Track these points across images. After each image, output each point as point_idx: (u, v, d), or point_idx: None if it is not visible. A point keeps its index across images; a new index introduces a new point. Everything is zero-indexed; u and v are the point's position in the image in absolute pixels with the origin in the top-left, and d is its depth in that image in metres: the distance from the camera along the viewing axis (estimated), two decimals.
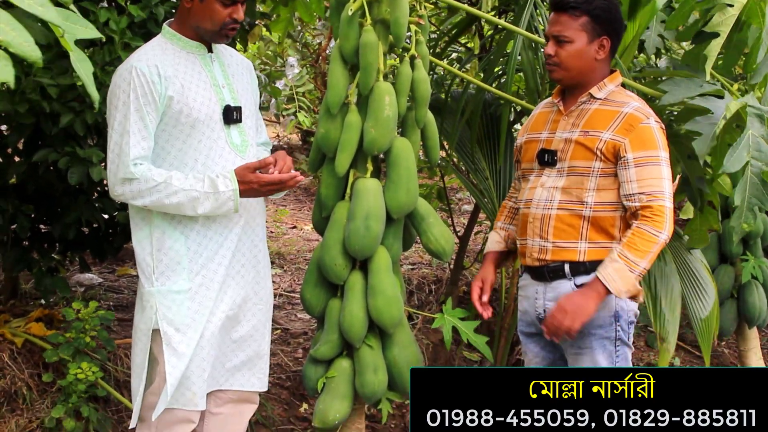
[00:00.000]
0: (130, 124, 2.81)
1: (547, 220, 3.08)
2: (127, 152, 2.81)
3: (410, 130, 3.14)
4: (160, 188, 2.83)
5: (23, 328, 4.17)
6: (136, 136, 2.82)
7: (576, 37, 3.01)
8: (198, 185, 2.86)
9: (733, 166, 2.94)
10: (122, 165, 2.82)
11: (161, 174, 2.84)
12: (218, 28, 2.93)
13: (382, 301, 3.04)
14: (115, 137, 2.85)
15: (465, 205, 9.18)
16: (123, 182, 2.84)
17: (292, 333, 5.36)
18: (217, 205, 2.89)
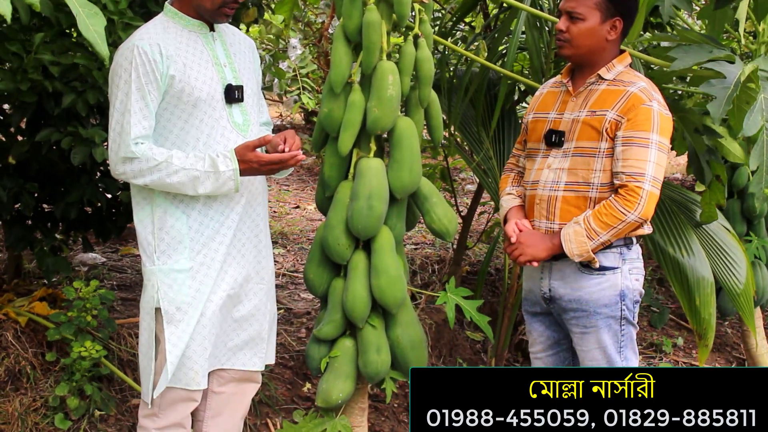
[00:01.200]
0: (131, 103, 2.81)
1: (554, 202, 3.08)
2: (128, 131, 2.80)
3: (414, 110, 3.13)
4: (161, 167, 2.82)
5: (27, 308, 4.17)
6: (137, 115, 2.81)
7: (589, 15, 3.00)
8: (199, 164, 2.85)
9: (750, 129, 2.96)
10: (123, 144, 2.82)
11: (162, 153, 2.83)
12: (217, 7, 2.91)
13: (385, 281, 3.03)
14: (116, 116, 2.85)
15: (468, 185, 9.18)
16: (124, 161, 2.83)
17: (295, 313, 5.37)
18: (218, 184, 2.88)
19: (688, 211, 4.39)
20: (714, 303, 4.08)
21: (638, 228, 2.99)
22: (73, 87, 3.52)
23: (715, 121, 2.97)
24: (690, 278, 4.06)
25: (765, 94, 3.03)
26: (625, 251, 3.07)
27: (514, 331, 5.02)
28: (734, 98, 3.03)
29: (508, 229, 3.18)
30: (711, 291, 4.08)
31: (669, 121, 3.01)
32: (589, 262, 3.01)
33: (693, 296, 4.04)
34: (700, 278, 4.07)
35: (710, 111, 2.97)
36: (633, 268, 3.09)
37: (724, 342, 6.39)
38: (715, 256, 4.28)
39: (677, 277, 4.07)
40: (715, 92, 2.99)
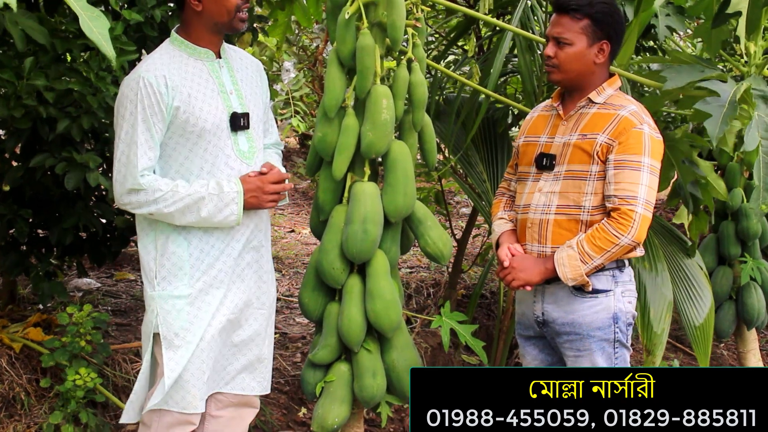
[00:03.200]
0: (137, 135, 2.82)
1: (546, 225, 3.08)
2: (135, 163, 2.82)
3: (407, 134, 3.14)
4: (166, 197, 2.84)
5: (21, 333, 4.16)
6: (143, 147, 2.83)
7: (576, 39, 3.01)
8: (203, 189, 2.87)
9: (750, 145, 2.98)
10: (129, 175, 2.84)
11: (167, 183, 2.86)
12: (233, 15, 2.93)
13: (381, 305, 3.03)
14: (121, 147, 2.86)
15: (463, 208, 9.19)
16: (129, 192, 2.86)
17: (291, 337, 5.36)
18: (221, 205, 2.89)
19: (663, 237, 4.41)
20: (668, 321, 4.08)
21: (631, 251, 2.99)
22: (67, 112, 3.52)
23: (713, 138, 2.98)
24: (648, 291, 4.07)
25: (759, 111, 3.05)
26: (617, 274, 3.07)
27: (510, 355, 5.01)
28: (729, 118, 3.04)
29: (500, 253, 3.18)
30: (667, 310, 4.08)
31: (660, 144, 3.02)
32: (582, 285, 3.01)
33: (647, 309, 4.05)
34: (659, 294, 4.09)
35: (707, 129, 2.98)
36: (626, 291, 3.09)
37: (720, 364, 6.38)
38: (681, 287, 4.30)
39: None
40: (710, 110, 3.00)
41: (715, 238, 5.52)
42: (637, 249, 3.03)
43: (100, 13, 1.80)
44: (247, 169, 3.01)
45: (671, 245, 4.40)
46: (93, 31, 1.77)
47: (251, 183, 2.96)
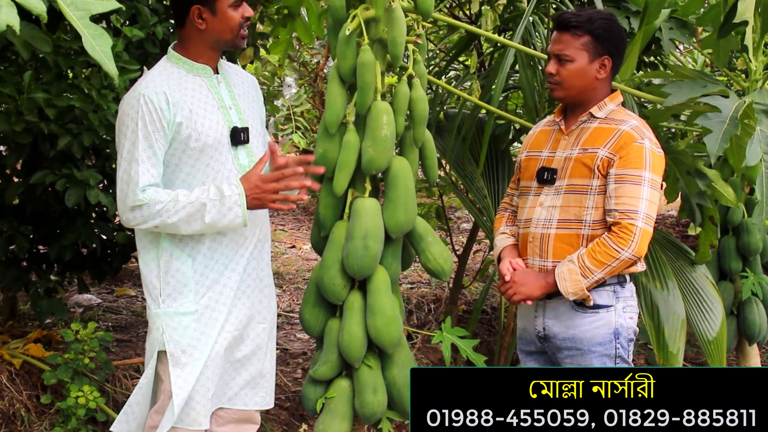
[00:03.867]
0: (138, 152, 2.82)
1: (547, 240, 3.08)
2: (137, 180, 2.82)
3: (408, 150, 3.14)
4: (168, 207, 2.83)
5: (21, 349, 4.16)
6: (145, 164, 2.82)
7: (577, 56, 3.02)
8: (204, 195, 2.86)
9: (752, 160, 2.98)
10: (131, 192, 2.83)
11: (167, 194, 2.84)
12: (236, 33, 2.94)
13: (381, 321, 3.03)
14: (123, 165, 2.86)
15: (464, 224, 9.19)
16: (133, 209, 2.84)
17: (291, 353, 5.35)
18: (224, 210, 2.87)
19: (670, 251, 4.40)
20: (683, 340, 4.08)
21: (632, 265, 2.99)
22: (68, 129, 3.53)
23: (712, 156, 2.98)
24: (661, 311, 4.07)
25: (762, 126, 3.05)
26: (618, 289, 3.07)
27: None
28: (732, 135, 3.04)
29: (502, 268, 3.18)
30: (681, 327, 4.07)
31: (661, 159, 3.02)
32: (583, 300, 3.01)
33: (662, 328, 4.04)
34: (672, 313, 4.08)
35: (707, 145, 2.98)
36: (627, 306, 3.09)
37: None
38: (692, 301, 4.29)
39: (648, 307, 4.08)
40: (711, 126, 3.00)
41: (716, 253, 5.51)
42: (638, 263, 3.02)
43: (102, 31, 1.80)
44: None
45: (679, 260, 4.39)
46: (96, 50, 1.77)
47: (252, 185, 2.92)
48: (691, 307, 4.28)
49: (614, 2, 4.14)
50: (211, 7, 2.88)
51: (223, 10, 2.89)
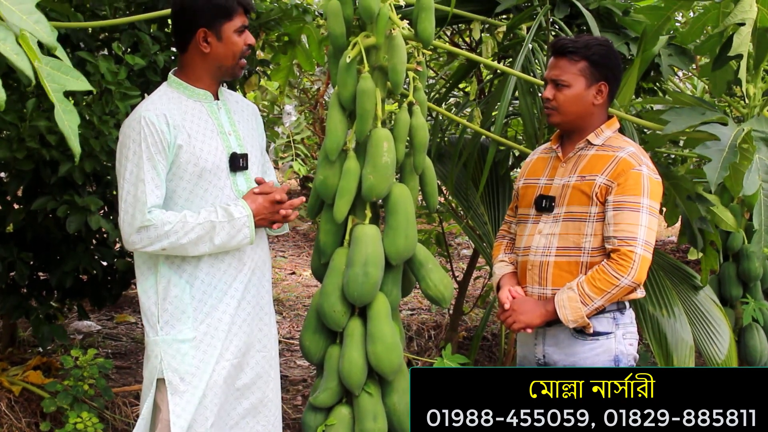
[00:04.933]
0: (143, 173, 2.81)
1: (546, 267, 3.07)
2: (144, 201, 2.81)
3: (408, 176, 3.15)
4: (176, 228, 2.82)
5: (21, 377, 4.15)
6: (150, 185, 2.82)
7: (574, 81, 3.03)
8: (212, 216, 2.87)
9: (750, 189, 2.98)
10: (138, 213, 2.82)
11: (175, 215, 2.84)
12: (237, 60, 2.96)
13: (382, 348, 3.02)
14: (126, 187, 2.85)
15: (464, 250, 9.19)
16: (139, 230, 2.83)
17: (291, 380, 5.34)
18: (233, 232, 2.89)
19: (674, 276, 4.40)
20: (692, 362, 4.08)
21: (631, 292, 2.98)
22: (69, 155, 3.54)
23: (713, 185, 2.99)
24: (669, 338, 4.06)
25: (761, 154, 3.05)
26: (618, 316, 3.06)
27: None
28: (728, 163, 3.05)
29: (501, 296, 3.18)
30: (690, 353, 4.07)
31: (659, 185, 3.02)
32: (583, 327, 3.00)
33: (671, 356, 4.04)
34: (680, 339, 4.08)
35: (707, 174, 2.98)
36: (627, 333, 3.08)
37: None
38: (699, 325, 4.29)
39: (656, 335, 4.07)
40: (710, 154, 3.01)
41: (717, 280, 5.51)
42: (638, 290, 3.02)
43: (73, 108, 1.86)
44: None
45: (682, 284, 4.39)
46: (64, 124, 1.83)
47: (259, 207, 2.95)
48: (698, 332, 4.28)
49: (614, 29, 4.16)
50: (217, 31, 2.90)
51: (228, 36, 2.91)
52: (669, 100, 3.72)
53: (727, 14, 3.29)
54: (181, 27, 2.94)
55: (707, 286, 4.49)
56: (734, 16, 3.18)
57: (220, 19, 2.89)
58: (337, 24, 3.05)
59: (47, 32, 1.75)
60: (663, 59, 4.04)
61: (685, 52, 4.14)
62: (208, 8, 2.88)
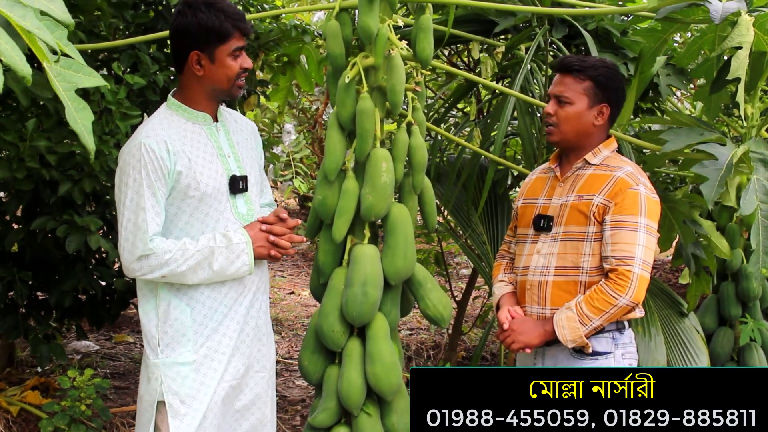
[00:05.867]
0: (144, 201, 2.81)
1: (544, 287, 3.08)
2: (145, 229, 2.80)
3: (407, 196, 3.15)
4: (176, 256, 2.82)
5: (19, 397, 4.14)
6: (150, 212, 2.81)
7: (577, 99, 3.04)
8: (211, 242, 2.87)
9: (747, 209, 2.98)
10: (140, 242, 2.81)
11: (174, 243, 2.84)
12: (232, 83, 2.94)
13: (381, 368, 3.02)
14: (127, 214, 2.83)
15: (463, 270, 9.18)
16: (140, 259, 2.82)
17: (290, 400, 5.32)
18: (232, 257, 2.89)
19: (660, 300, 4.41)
20: None
21: (630, 312, 2.98)
22: (69, 175, 3.54)
23: (710, 202, 2.99)
24: (641, 356, 4.06)
25: (758, 175, 3.06)
26: (617, 336, 3.06)
27: None
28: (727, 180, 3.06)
29: (500, 316, 3.18)
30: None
31: (657, 205, 3.03)
32: (582, 347, 3.00)
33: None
34: (652, 359, 4.08)
35: (704, 193, 2.99)
36: (626, 353, 3.08)
37: None
38: (676, 350, 4.29)
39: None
40: (707, 173, 3.02)
41: (716, 299, 5.51)
42: (637, 310, 3.02)
43: (86, 105, 1.82)
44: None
45: (667, 308, 4.40)
46: (77, 122, 1.80)
47: (258, 234, 2.96)
48: (674, 356, 4.28)
49: (612, 49, 4.18)
50: (210, 54, 2.89)
51: (222, 59, 2.90)
52: (667, 120, 3.73)
53: (723, 38, 3.30)
54: (176, 49, 2.94)
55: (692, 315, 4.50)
56: (731, 40, 3.19)
57: (213, 42, 2.87)
58: (336, 44, 3.06)
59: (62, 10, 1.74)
60: (661, 79, 4.06)
61: (683, 71, 4.16)
62: (200, 31, 2.86)
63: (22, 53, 1.64)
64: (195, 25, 2.86)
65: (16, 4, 1.63)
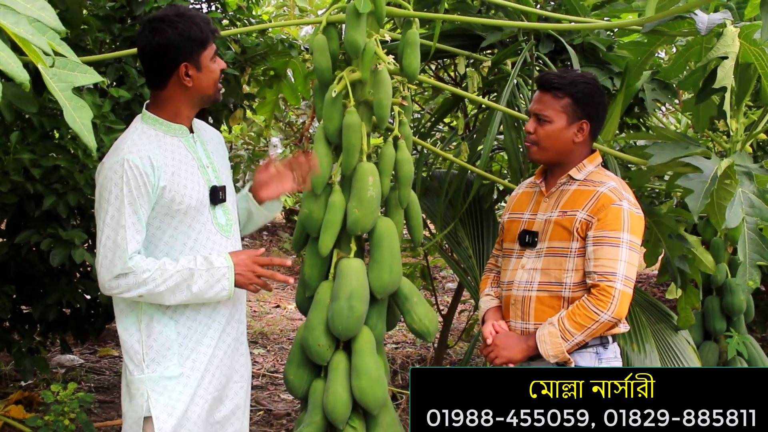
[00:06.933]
0: (125, 218, 2.76)
1: (528, 302, 3.07)
2: (125, 247, 2.76)
3: (394, 210, 3.16)
4: (155, 276, 2.78)
5: (2, 411, 4.12)
6: (131, 230, 2.77)
7: (556, 117, 3.03)
8: (191, 263, 2.84)
9: (732, 222, 2.99)
10: (118, 260, 2.76)
11: (153, 262, 2.80)
12: (216, 86, 2.94)
13: (366, 382, 3.01)
14: (106, 231, 2.79)
15: (449, 283, 9.19)
16: (117, 277, 2.78)
17: (275, 414, 5.30)
18: (212, 281, 2.86)
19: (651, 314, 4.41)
20: None
21: (612, 327, 2.98)
22: (54, 189, 3.53)
23: (695, 214, 3.00)
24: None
25: (743, 188, 3.07)
26: (601, 350, 3.05)
27: None
28: (712, 193, 3.07)
29: (484, 330, 3.18)
30: None
31: (640, 220, 3.02)
32: (564, 362, 2.99)
33: None
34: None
35: (689, 204, 3.00)
36: None
37: None
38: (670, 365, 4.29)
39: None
40: (692, 186, 3.03)
41: (701, 314, 5.52)
42: (621, 325, 3.02)
43: (84, 103, 1.81)
44: (226, 242, 2.98)
45: (659, 323, 4.40)
46: (76, 121, 1.78)
47: (241, 261, 2.92)
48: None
49: (598, 64, 4.19)
50: (196, 62, 2.87)
51: (207, 65, 2.88)
52: (652, 135, 3.74)
53: (709, 49, 3.32)
54: (161, 65, 2.88)
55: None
56: (717, 50, 3.22)
57: (197, 49, 2.86)
58: (323, 58, 3.06)
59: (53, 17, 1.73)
60: (647, 94, 4.07)
61: (669, 86, 4.17)
62: (186, 42, 2.84)
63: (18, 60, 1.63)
64: (179, 38, 2.83)
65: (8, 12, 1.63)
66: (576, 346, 2.95)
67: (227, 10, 4.68)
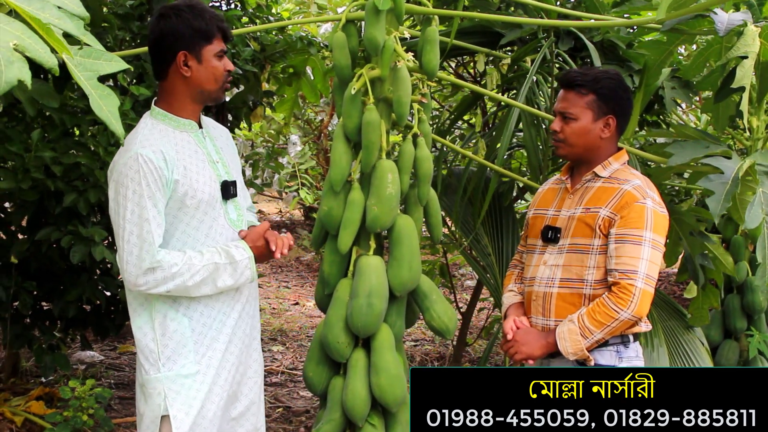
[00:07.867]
0: (146, 212, 2.76)
1: (549, 299, 3.06)
2: (151, 241, 2.75)
3: (413, 208, 3.15)
4: (182, 270, 2.79)
5: (23, 407, 4.14)
6: (153, 223, 2.77)
7: (581, 114, 3.02)
8: (216, 257, 2.85)
9: (752, 223, 2.97)
10: (146, 254, 2.75)
11: (180, 255, 2.81)
12: (220, 84, 2.93)
13: (385, 380, 3.01)
14: (128, 227, 2.77)
15: (468, 281, 9.17)
16: (146, 272, 2.77)
17: (294, 411, 5.31)
18: (236, 275, 2.89)
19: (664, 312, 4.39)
20: None
21: (633, 326, 2.96)
22: (74, 186, 3.54)
23: (715, 216, 2.98)
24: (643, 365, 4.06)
25: (763, 188, 3.05)
26: (621, 349, 3.03)
27: None
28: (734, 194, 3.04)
29: (505, 326, 3.17)
30: None
31: (664, 219, 3.00)
32: (584, 360, 2.98)
33: None
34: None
35: (710, 207, 2.97)
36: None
37: None
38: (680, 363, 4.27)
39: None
40: (713, 187, 3.00)
41: (722, 312, 5.49)
42: (641, 324, 3.00)
43: (110, 91, 1.80)
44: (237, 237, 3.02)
45: (672, 319, 4.38)
46: (103, 110, 1.78)
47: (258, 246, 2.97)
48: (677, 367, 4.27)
49: (618, 61, 4.18)
50: (198, 54, 2.87)
51: (209, 59, 2.88)
52: (672, 133, 3.72)
53: (729, 48, 3.30)
54: (161, 52, 2.89)
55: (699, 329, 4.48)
56: (737, 50, 3.19)
57: (200, 42, 2.86)
58: (342, 56, 3.06)
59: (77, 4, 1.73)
60: (666, 92, 4.06)
61: (689, 84, 4.15)
62: (188, 31, 2.85)
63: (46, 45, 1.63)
64: (181, 26, 2.84)
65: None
66: (595, 343, 2.94)
67: (246, 8, 4.69)
